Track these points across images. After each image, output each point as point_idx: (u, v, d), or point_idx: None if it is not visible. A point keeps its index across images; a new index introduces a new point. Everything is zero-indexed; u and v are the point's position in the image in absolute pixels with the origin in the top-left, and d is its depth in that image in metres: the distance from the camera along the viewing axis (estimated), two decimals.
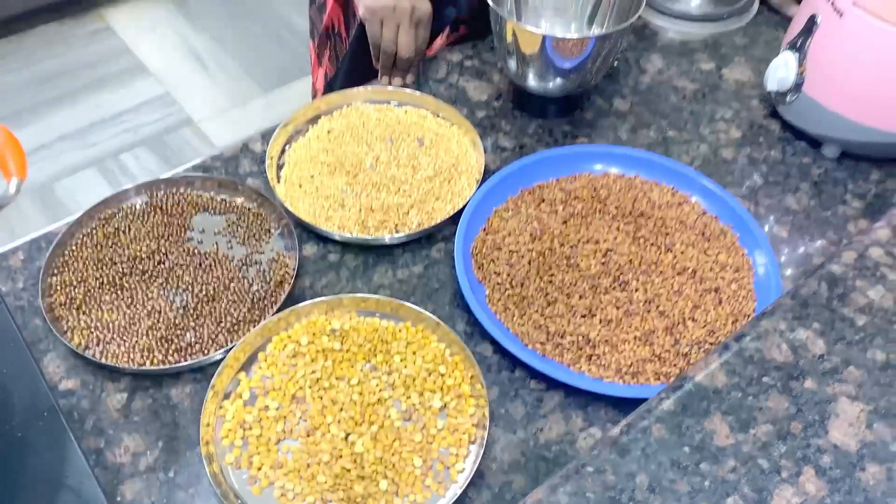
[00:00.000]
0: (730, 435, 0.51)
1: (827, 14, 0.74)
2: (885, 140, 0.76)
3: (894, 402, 0.53)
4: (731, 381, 0.54)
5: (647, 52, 0.92)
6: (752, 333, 0.57)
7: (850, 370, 0.54)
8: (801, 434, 0.51)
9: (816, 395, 0.53)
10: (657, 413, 0.52)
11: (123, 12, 2.40)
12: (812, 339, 0.56)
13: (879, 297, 0.58)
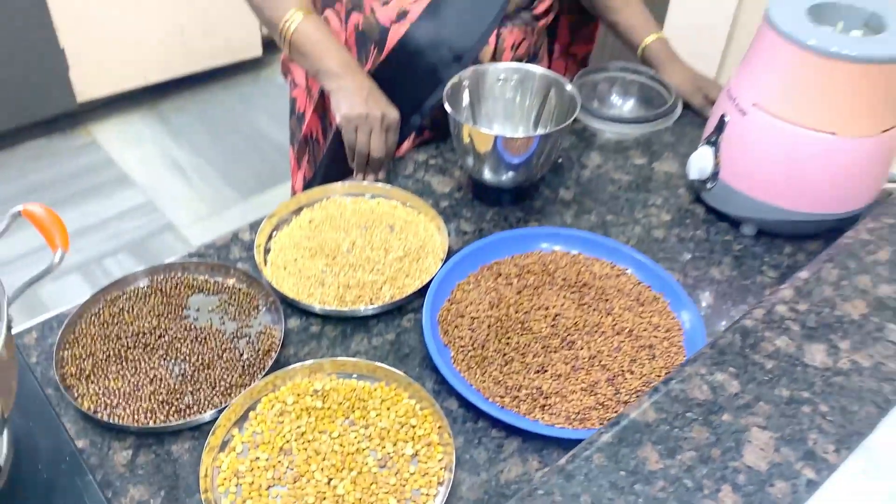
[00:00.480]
0: (659, 461, 0.60)
1: (733, 113, 0.88)
2: (792, 218, 0.88)
3: (797, 430, 0.62)
4: (660, 416, 0.63)
5: (587, 151, 1.05)
6: (678, 377, 0.66)
7: (761, 405, 0.64)
8: (719, 458, 0.60)
9: (732, 426, 0.62)
10: (598, 445, 0.61)
11: (109, 127, 2.54)
12: (728, 380, 0.66)
13: (784, 345, 0.69)
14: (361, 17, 1.01)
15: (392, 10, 0.99)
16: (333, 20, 1.04)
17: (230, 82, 2.77)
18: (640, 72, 1.12)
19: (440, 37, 0.99)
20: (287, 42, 0.99)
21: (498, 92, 0.98)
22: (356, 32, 1.02)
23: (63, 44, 2.29)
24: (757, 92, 0.85)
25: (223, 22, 2.55)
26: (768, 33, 0.83)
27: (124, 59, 2.45)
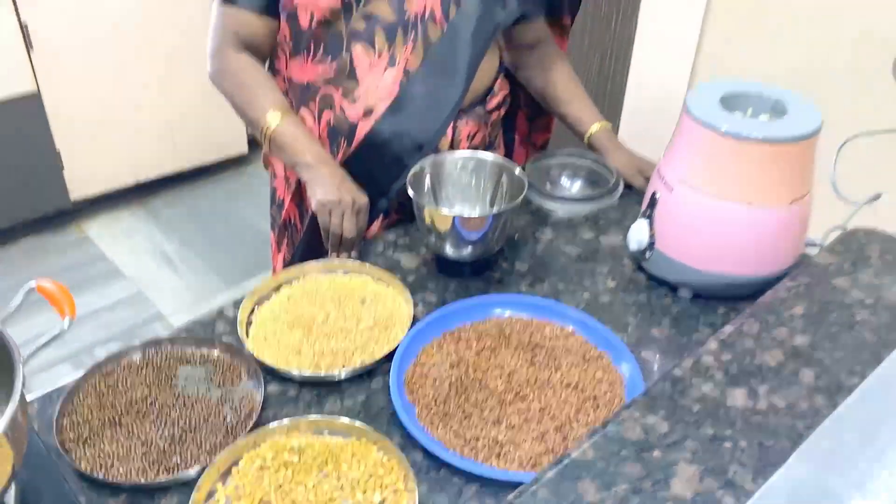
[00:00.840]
0: (596, 493, 0.67)
1: (662, 190, 0.99)
2: (722, 281, 0.98)
3: (719, 464, 0.70)
4: (598, 454, 0.71)
5: (541, 227, 1.16)
6: (615, 421, 0.75)
7: (688, 442, 0.72)
8: (650, 489, 0.67)
9: (662, 461, 0.70)
10: (543, 481, 0.69)
11: (100, 223, 2.65)
12: (659, 422, 0.74)
13: (709, 390, 0.77)
14: (332, 114, 1.14)
15: (360, 108, 1.12)
16: (308, 118, 1.16)
17: (218, 177, 2.90)
18: (585, 156, 1.25)
19: (403, 130, 1.11)
20: (267, 139, 1.11)
21: (456, 177, 1.09)
22: (328, 128, 1.15)
23: (59, 146, 2.42)
24: (681, 171, 0.96)
25: (212, 122, 2.70)
26: (688, 120, 0.95)
27: (116, 159, 2.59)
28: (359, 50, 1.10)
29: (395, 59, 1.10)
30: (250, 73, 1.13)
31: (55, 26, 2.27)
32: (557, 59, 1.30)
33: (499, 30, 1.14)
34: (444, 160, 1.09)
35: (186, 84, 2.59)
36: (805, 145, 0.92)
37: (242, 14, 1.10)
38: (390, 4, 1.08)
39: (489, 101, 1.21)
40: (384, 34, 1.09)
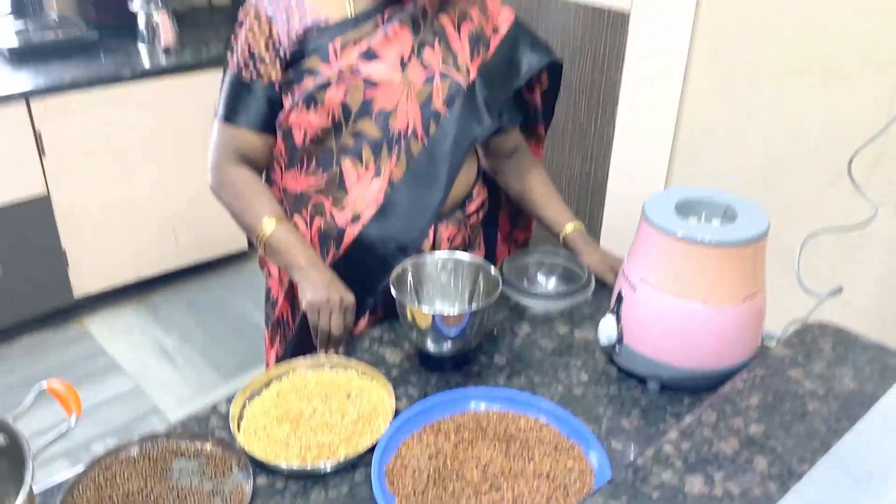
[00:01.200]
0: None
1: (627, 289, 1.07)
2: (685, 375, 1.05)
3: None
4: None
5: (519, 322, 1.23)
6: None
7: None
8: None
9: None
10: None
11: (100, 318, 2.72)
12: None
13: (668, 478, 0.83)
14: (323, 220, 1.23)
15: (348, 215, 1.21)
16: (300, 223, 1.25)
17: (217, 273, 2.99)
18: (559, 255, 1.33)
19: (387, 234, 1.20)
20: (263, 244, 1.20)
21: (436, 277, 1.17)
22: (319, 233, 1.24)
23: (65, 245, 2.52)
24: (643, 271, 1.04)
25: (212, 220, 2.81)
26: (646, 225, 1.03)
27: (119, 257, 2.68)
28: (348, 163, 1.20)
29: (381, 171, 1.20)
30: (247, 184, 1.23)
31: (66, 134, 2.40)
32: (532, 167, 1.40)
33: (475, 143, 1.25)
34: (424, 261, 1.17)
35: (187, 184, 2.72)
36: (754, 247, 1.00)
37: (241, 132, 1.21)
38: (376, 123, 1.19)
39: (468, 205, 1.31)
40: (371, 149, 1.20)
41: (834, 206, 1.70)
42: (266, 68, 1.19)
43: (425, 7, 1.21)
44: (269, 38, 1.18)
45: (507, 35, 1.29)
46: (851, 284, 1.71)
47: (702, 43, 1.84)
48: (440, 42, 1.22)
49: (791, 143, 1.74)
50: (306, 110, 1.18)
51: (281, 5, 1.18)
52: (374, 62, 1.17)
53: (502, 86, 1.28)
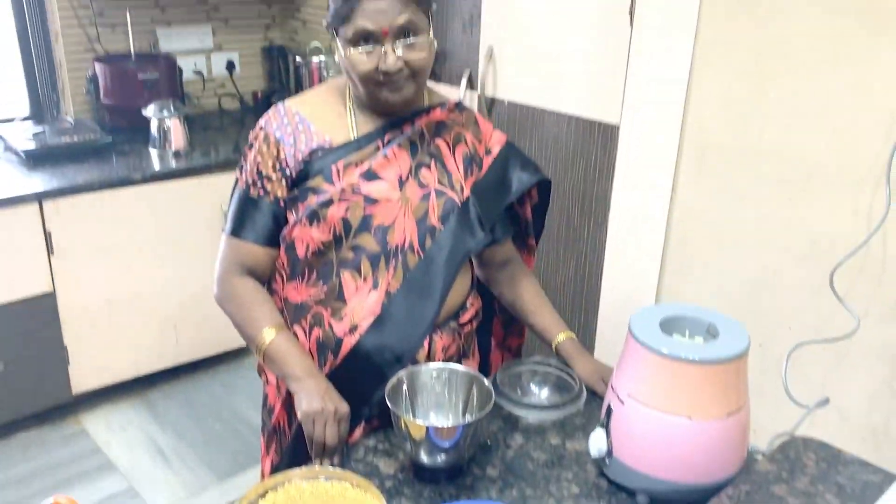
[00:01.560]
0: None
1: (615, 403, 1.10)
2: (674, 488, 1.07)
3: None
4: None
5: (511, 433, 1.26)
6: None
7: None
8: None
9: None
10: None
11: (98, 415, 2.73)
12: None
13: None
14: (321, 330, 1.28)
15: (346, 325, 1.26)
16: (300, 333, 1.30)
17: (215, 370, 3.01)
18: (551, 364, 1.37)
19: (384, 344, 1.24)
20: (262, 353, 1.24)
21: (430, 387, 1.20)
22: (317, 342, 1.28)
23: (67, 342, 2.55)
24: (630, 386, 1.08)
25: (212, 317, 2.84)
26: (632, 342, 1.08)
27: (120, 354, 2.71)
28: (347, 276, 1.26)
29: (378, 283, 1.26)
30: (250, 296, 1.28)
31: (75, 234, 2.48)
32: (524, 276, 1.46)
33: (469, 255, 1.31)
34: (419, 372, 1.20)
35: (190, 282, 2.77)
36: (737, 364, 1.04)
37: (248, 246, 1.27)
38: (375, 237, 1.25)
39: (462, 315, 1.36)
40: (369, 262, 1.26)
41: (819, 317, 1.74)
42: (273, 186, 1.26)
43: (423, 130, 1.30)
44: (277, 158, 1.25)
45: (499, 156, 1.38)
46: (840, 395, 1.74)
47: (688, 157, 1.93)
48: (436, 163, 1.30)
49: (775, 257, 1.80)
50: (309, 225, 1.25)
51: (289, 129, 1.26)
52: (374, 182, 1.25)
53: (494, 202, 1.35)
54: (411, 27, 1.19)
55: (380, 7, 1.17)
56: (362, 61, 1.20)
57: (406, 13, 1.18)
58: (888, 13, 1.52)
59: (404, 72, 1.21)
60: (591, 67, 2.13)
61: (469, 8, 2.45)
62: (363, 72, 1.20)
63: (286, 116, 1.28)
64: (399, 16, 1.17)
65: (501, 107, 2.44)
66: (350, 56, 1.20)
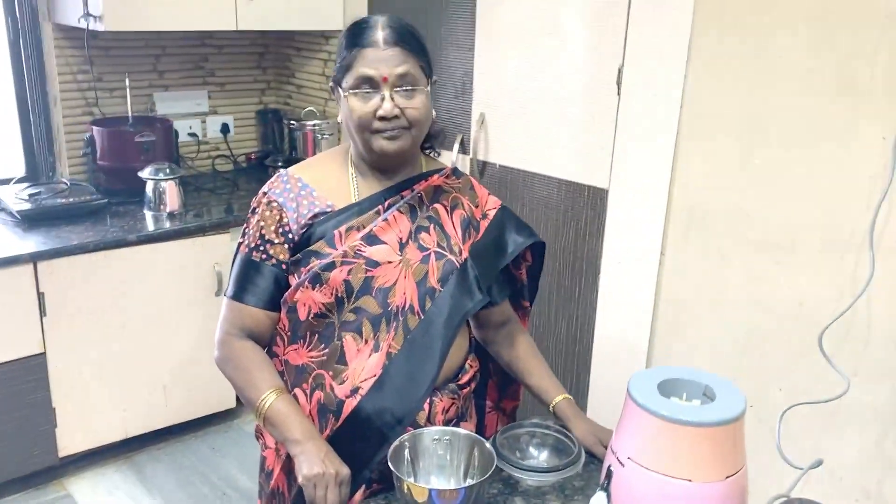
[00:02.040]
0: None
1: (615, 465, 1.12)
2: None
3: None
4: None
5: (511, 496, 1.26)
6: None
7: None
8: None
9: None
10: None
11: (83, 479, 2.68)
12: None
13: None
14: (323, 393, 1.29)
15: (347, 388, 1.27)
16: (301, 396, 1.31)
17: (204, 431, 2.97)
18: (549, 426, 1.38)
19: (385, 406, 1.26)
20: (262, 417, 1.25)
21: (432, 451, 1.21)
22: (318, 405, 1.29)
23: (55, 404, 2.53)
24: (629, 448, 1.09)
25: (202, 379, 2.84)
26: (630, 405, 1.10)
27: (109, 416, 2.68)
28: (349, 338, 1.28)
29: (380, 345, 1.28)
30: (250, 358, 1.30)
31: (68, 295, 2.47)
32: (521, 336, 1.49)
33: (468, 316, 1.34)
34: (421, 435, 1.22)
35: (181, 343, 2.76)
36: (734, 427, 1.06)
37: (249, 310, 1.30)
38: (376, 299, 1.28)
39: (461, 377, 1.38)
40: (370, 324, 1.28)
41: (809, 378, 1.77)
42: (275, 250, 1.29)
43: (421, 195, 1.34)
44: (280, 223, 1.29)
45: (495, 219, 1.42)
46: (833, 456, 1.76)
47: (676, 220, 1.99)
48: (435, 226, 1.34)
49: (763, 318, 1.84)
50: (312, 288, 1.27)
51: (291, 195, 1.30)
52: (375, 245, 1.28)
53: (491, 264, 1.39)
54: (410, 79, 1.24)
55: (381, 56, 1.22)
56: (360, 106, 1.24)
57: (406, 65, 1.23)
58: (863, 92, 1.60)
59: (401, 121, 1.24)
60: (580, 133, 2.20)
61: (461, 75, 2.53)
62: (360, 115, 1.24)
63: (289, 183, 1.32)
64: (399, 66, 1.22)
65: (493, 170, 2.50)
66: (350, 102, 1.25)
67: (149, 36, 3.01)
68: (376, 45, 1.23)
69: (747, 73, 1.78)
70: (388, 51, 1.22)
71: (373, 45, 1.23)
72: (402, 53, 1.23)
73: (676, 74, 1.90)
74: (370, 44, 1.23)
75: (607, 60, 2.09)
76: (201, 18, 2.74)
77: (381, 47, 1.22)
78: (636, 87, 2.01)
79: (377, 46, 1.23)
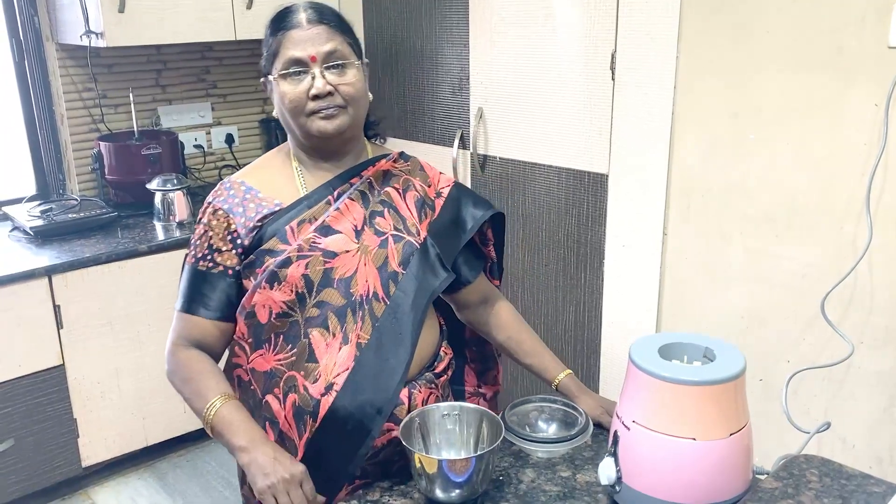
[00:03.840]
0: None
1: (621, 429, 1.14)
2: None
3: None
4: None
5: (522, 468, 1.29)
6: None
7: None
8: None
9: None
10: None
11: (107, 488, 2.72)
12: None
13: None
14: (297, 395, 1.24)
15: (321, 385, 1.23)
16: (274, 403, 1.26)
17: None
18: (556, 400, 1.41)
19: (362, 398, 1.22)
20: (209, 426, 1.23)
21: (441, 426, 1.24)
22: (294, 408, 1.25)
23: (76, 414, 2.57)
24: (634, 411, 1.12)
25: None
26: (633, 369, 1.13)
27: (129, 424, 2.72)
28: (315, 334, 1.25)
29: (349, 337, 1.25)
30: (196, 369, 1.27)
31: (83, 306, 2.52)
32: (506, 314, 1.47)
33: (434, 296, 1.31)
34: (431, 410, 1.24)
35: None
36: (734, 385, 1.09)
37: (198, 320, 1.28)
38: (338, 290, 1.25)
39: (437, 366, 1.36)
40: (336, 317, 1.25)
41: (814, 347, 1.79)
42: (223, 258, 1.27)
43: (371, 181, 1.33)
44: (228, 230, 1.27)
45: (450, 196, 1.40)
46: (841, 422, 1.77)
47: (676, 200, 2.01)
48: (389, 210, 1.32)
49: (767, 291, 1.86)
50: (270, 288, 1.24)
51: (237, 199, 1.28)
52: (330, 235, 1.26)
53: (451, 242, 1.36)
54: (339, 55, 1.24)
55: (306, 35, 1.22)
56: (291, 89, 1.23)
57: (333, 42, 1.23)
58: (852, 62, 1.63)
59: (335, 98, 1.23)
60: (578, 120, 2.23)
61: (457, 72, 2.57)
62: (292, 98, 1.23)
63: (232, 189, 1.30)
64: (326, 43, 1.23)
65: (493, 163, 2.53)
66: (281, 87, 1.24)
67: (150, 51, 3.06)
68: (300, 25, 1.23)
69: (737, 50, 1.81)
70: (312, 29, 1.23)
71: (296, 27, 1.23)
72: (327, 31, 1.23)
73: (668, 56, 1.93)
74: (293, 25, 1.23)
75: (600, 46, 2.12)
76: (200, 31, 2.79)
77: (304, 27, 1.23)
78: (630, 71, 2.04)
79: (301, 27, 1.23)
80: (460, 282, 1.41)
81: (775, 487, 1.09)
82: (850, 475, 1.12)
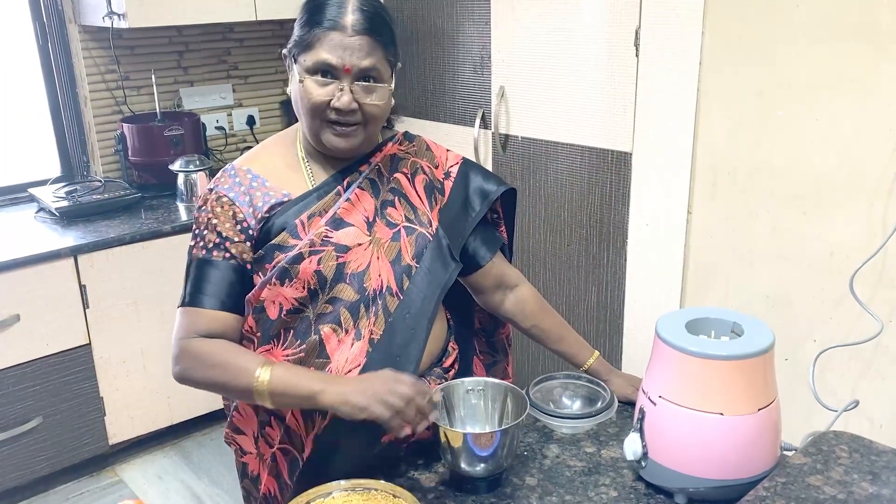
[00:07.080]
0: None
1: (647, 405, 1.14)
2: (710, 485, 1.09)
3: None
4: None
5: (547, 444, 1.29)
6: None
7: None
8: None
9: None
10: None
11: (134, 466, 2.76)
12: None
13: None
14: None
15: None
16: None
17: None
18: (580, 377, 1.41)
19: None
20: (267, 396, 1.13)
21: (466, 400, 1.24)
22: None
23: (103, 393, 2.61)
24: (660, 387, 1.11)
25: None
26: (660, 344, 1.12)
27: (155, 403, 2.75)
28: (327, 330, 1.21)
29: (361, 332, 1.22)
30: (219, 350, 1.18)
31: (109, 286, 2.55)
32: (529, 298, 1.43)
33: (446, 288, 1.27)
34: (456, 386, 1.25)
35: None
36: (763, 360, 1.08)
37: (207, 313, 1.19)
38: (351, 286, 1.21)
39: (445, 360, 1.35)
40: (348, 312, 1.21)
41: (843, 326, 1.77)
42: (237, 249, 1.20)
43: (379, 167, 1.28)
44: (234, 218, 1.20)
45: (459, 175, 1.36)
46: (869, 399, 1.75)
47: (701, 179, 1.99)
48: (400, 199, 1.28)
49: (794, 270, 1.84)
50: (280, 285, 1.19)
51: (242, 188, 1.21)
52: (342, 229, 1.21)
53: (461, 226, 1.33)
54: (374, 73, 1.16)
55: (347, 43, 1.13)
56: (316, 91, 1.15)
57: (373, 58, 1.15)
58: (886, 34, 1.59)
59: (357, 115, 1.17)
60: (601, 98, 2.21)
61: (478, 50, 2.55)
62: (314, 102, 1.15)
63: (237, 176, 1.22)
64: (366, 58, 1.14)
65: (516, 142, 2.51)
66: (305, 84, 1.16)
67: (171, 32, 3.07)
68: (343, 29, 1.13)
69: (765, 24, 1.77)
70: (355, 39, 1.13)
71: (339, 29, 1.13)
72: (370, 44, 1.14)
73: (694, 32, 1.90)
74: (337, 26, 1.13)
75: (624, 22, 2.09)
76: (222, 11, 2.79)
77: (348, 32, 1.13)
78: (654, 47, 2.01)
79: (344, 31, 1.13)
80: (478, 263, 1.37)
81: (804, 463, 1.08)
82: (881, 451, 1.11)
